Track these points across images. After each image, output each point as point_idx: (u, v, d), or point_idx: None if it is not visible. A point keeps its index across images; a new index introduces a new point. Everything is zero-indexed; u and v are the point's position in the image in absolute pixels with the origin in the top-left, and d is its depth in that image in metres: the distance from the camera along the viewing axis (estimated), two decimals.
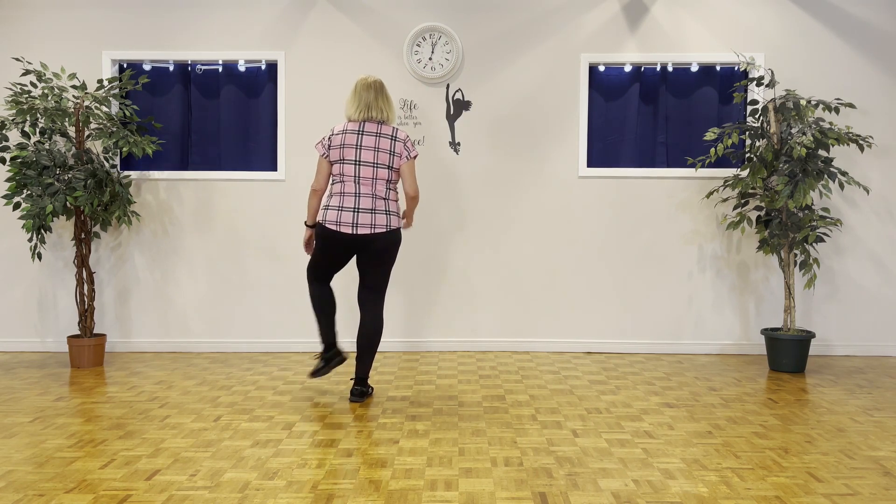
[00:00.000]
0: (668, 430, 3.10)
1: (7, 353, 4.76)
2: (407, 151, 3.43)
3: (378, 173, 3.38)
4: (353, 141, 3.37)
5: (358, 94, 3.43)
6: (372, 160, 3.37)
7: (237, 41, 4.76)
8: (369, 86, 3.43)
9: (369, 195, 3.38)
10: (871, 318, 4.76)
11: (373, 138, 3.37)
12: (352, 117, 3.43)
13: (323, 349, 3.61)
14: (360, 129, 3.39)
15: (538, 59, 4.76)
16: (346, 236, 3.37)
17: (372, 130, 3.39)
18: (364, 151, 3.36)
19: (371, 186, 3.38)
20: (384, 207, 3.40)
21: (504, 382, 3.95)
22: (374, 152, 3.37)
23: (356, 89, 3.44)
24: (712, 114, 4.80)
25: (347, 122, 3.44)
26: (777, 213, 4.34)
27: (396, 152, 3.40)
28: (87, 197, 4.16)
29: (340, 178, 3.40)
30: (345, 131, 3.40)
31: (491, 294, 4.83)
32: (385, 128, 3.41)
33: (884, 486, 2.48)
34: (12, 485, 2.45)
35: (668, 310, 4.80)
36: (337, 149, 3.39)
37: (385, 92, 3.46)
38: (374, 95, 3.41)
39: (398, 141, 3.41)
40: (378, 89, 3.44)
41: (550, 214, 4.80)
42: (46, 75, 4.45)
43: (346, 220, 3.36)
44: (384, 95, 3.45)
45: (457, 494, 2.38)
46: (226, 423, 3.18)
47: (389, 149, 3.38)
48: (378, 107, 3.41)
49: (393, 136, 3.41)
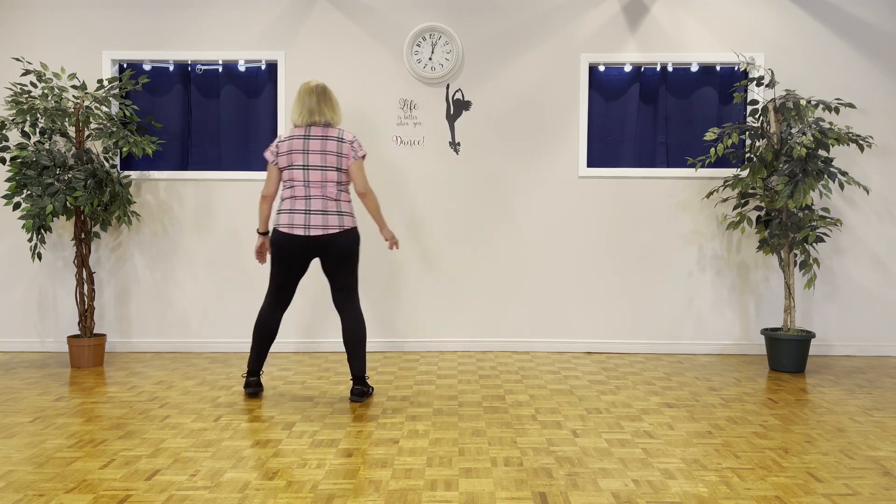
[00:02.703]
0: (668, 430, 3.10)
1: (7, 353, 4.76)
2: (354, 151, 3.47)
3: (327, 176, 3.43)
4: (300, 146, 3.42)
5: (301, 99, 3.49)
6: (320, 163, 3.42)
7: (237, 41, 4.76)
8: (311, 91, 3.48)
9: (320, 197, 3.42)
10: (871, 318, 4.76)
11: (319, 142, 3.42)
12: (297, 123, 3.49)
13: (246, 374, 3.66)
14: (306, 135, 3.44)
15: (538, 59, 4.76)
16: (299, 239, 3.41)
17: (318, 134, 3.44)
18: (312, 156, 3.42)
19: (321, 189, 3.43)
20: (336, 209, 3.44)
21: (504, 382, 3.95)
22: (321, 155, 3.42)
23: (299, 95, 3.50)
24: (712, 114, 4.80)
25: (294, 129, 3.50)
26: (777, 213, 4.34)
27: (343, 153, 3.44)
28: (87, 197, 4.16)
29: (291, 184, 3.46)
30: (291, 137, 3.46)
31: (491, 294, 4.83)
32: (331, 130, 3.46)
33: (884, 486, 2.48)
34: (12, 485, 2.45)
35: (668, 310, 4.80)
36: (285, 155, 3.45)
37: (328, 95, 3.50)
38: (317, 100, 3.46)
39: (344, 142, 3.45)
40: (320, 93, 3.48)
41: (550, 214, 4.80)
42: (46, 75, 4.45)
43: (297, 222, 3.41)
44: (327, 99, 3.49)
45: (457, 494, 2.38)
46: (226, 423, 3.18)
47: (336, 151, 3.43)
48: (321, 111, 3.46)
49: (339, 137, 3.45)
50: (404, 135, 4.78)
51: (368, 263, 4.81)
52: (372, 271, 4.81)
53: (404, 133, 4.78)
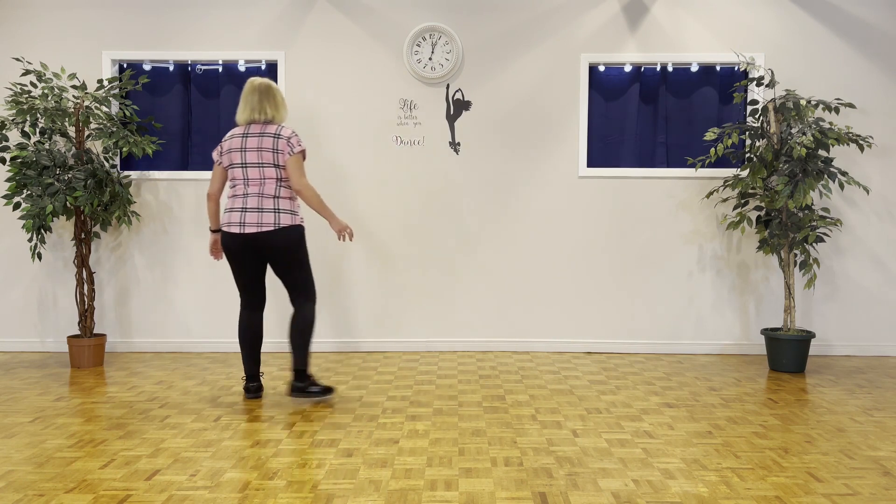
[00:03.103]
0: (668, 430, 3.10)
1: (7, 353, 4.76)
2: (290, 147, 3.41)
3: (265, 173, 3.41)
4: (239, 144, 3.41)
5: (244, 98, 3.48)
6: (257, 161, 3.40)
7: (237, 41, 4.76)
8: (255, 89, 3.47)
9: (256, 195, 3.40)
10: (871, 318, 4.76)
11: (256, 139, 3.40)
12: (238, 121, 3.49)
13: (245, 379, 3.63)
14: (244, 133, 3.43)
15: (538, 59, 4.76)
16: (237, 237, 3.40)
17: (255, 132, 3.42)
18: (249, 153, 3.40)
19: (259, 186, 3.41)
20: (272, 206, 3.40)
21: (504, 382, 3.95)
22: (257, 153, 3.39)
23: (243, 93, 3.49)
24: (712, 114, 4.80)
25: (237, 127, 3.50)
26: (777, 213, 4.34)
27: (279, 149, 3.40)
28: (87, 197, 4.16)
29: (233, 182, 3.47)
30: (232, 136, 3.45)
31: (491, 294, 4.83)
32: (269, 127, 3.43)
33: (884, 486, 2.48)
34: (12, 485, 2.45)
35: (668, 310, 4.80)
36: (227, 154, 3.45)
37: (272, 93, 3.48)
38: (259, 98, 3.45)
39: (281, 138, 3.41)
40: (263, 91, 3.46)
41: (550, 214, 4.80)
42: (46, 75, 4.45)
43: (234, 220, 3.41)
44: (270, 96, 3.47)
45: (457, 494, 2.38)
46: (226, 423, 3.18)
47: (272, 147, 3.39)
48: (262, 108, 3.44)
49: (276, 134, 3.42)
50: (404, 135, 4.78)
51: (367, 264, 4.81)
52: (371, 272, 4.81)
53: (404, 133, 4.78)
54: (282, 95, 3.54)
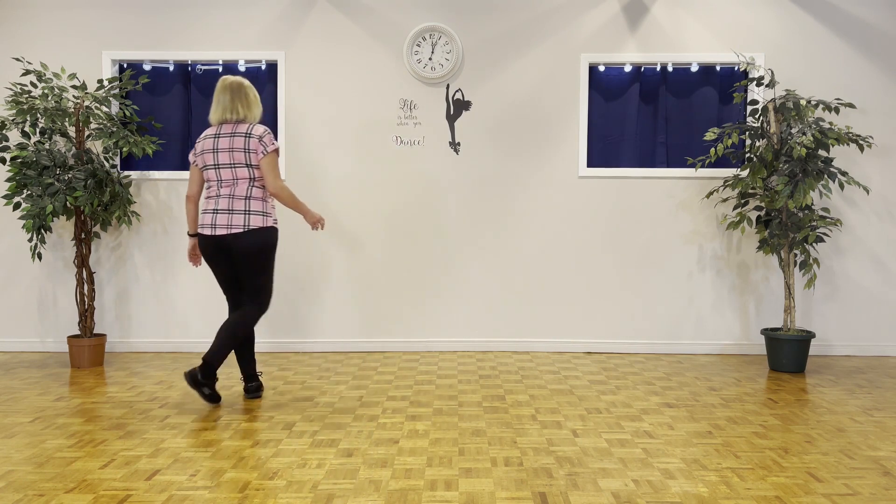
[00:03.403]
0: (668, 430, 3.10)
1: (7, 353, 4.76)
2: (263, 146, 3.35)
3: (237, 173, 3.36)
4: (211, 145, 3.37)
5: (216, 97, 3.43)
6: (229, 161, 3.35)
7: (237, 41, 4.76)
8: (226, 88, 3.42)
9: (227, 196, 3.36)
10: (871, 318, 4.76)
11: (228, 139, 3.35)
12: (210, 121, 3.45)
13: (243, 381, 3.64)
14: (216, 133, 3.39)
15: (538, 59, 4.76)
16: (209, 239, 3.37)
17: (227, 132, 3.37)
18: (221, 154, 3.36)
19: (231, 187, 3.37)
20: (243, 207, 3.36)
21: (504, 382, 3.95)
22: (229, 153, 3.34)
23: (215, 92, 3.44)
24: (712, 114, 4.80)
25: (209, 128, 3.46)
26: (777, 213, 4.34)
27: (252, 149, 3.34)
28: (87, 197, 4.16)
29: (208, 184, 3.44)
30: (205, 137, 3.41)
31: (491, 294, 4.83)
32: (241, 126, 3.38)
33: (884, 486, 2.48)
34: (12, 485, 2.45)
35: (668, 310, 4.80)
36: (200, 155, 3.41)
37: (243, 91, 3.42)
38: (230, 97, 3.40)
39: (252, 137, 3.35)
40: (235, 90, 3.41)
41: (550, 214, 4.80)
42: (46, 75, 4.45)
43: (206, 222, 3.38)
44: (242, 96, 3.41)
45: (457, 494, 2.38)
46: (226, 423, 3.18)
47: (244, 146, 3.34)
48: (233, 108, 3.39)
49: (248, 133, 3.35)
50: (404, 135, 4.78)
51: (368, 264, 4.81)
52: (371, 271, 4.81)
53: (404, 133, 4.78)
54: (255, 94, 3.48)
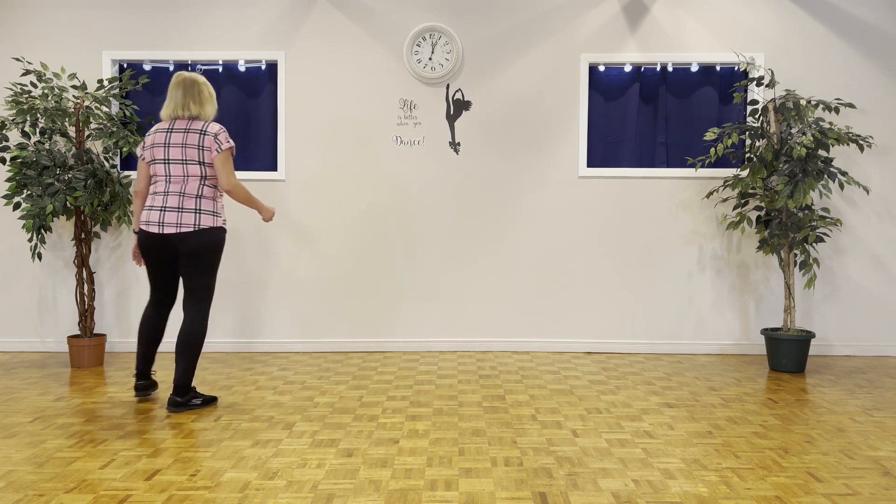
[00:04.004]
0: (668, 430, 3.10)
1: (7, 353, 4.76)
2: (217, 144, 3.30)
3: (189, 170, 3.30)
4: (162, 140, 3.32)
5: (169, 92, 3.39)
6: (180, 157, 3.29)
7: (237, 41, 4.76)
8: (179, 84, 3.37)
9: (177, 193, 3.31)
10: (871, 318, 4.76)
11: (180, 135, 3.30)
12: (161, 116, 3.40)
13: (135, 376, 3.54)
14: (168, 128, 3.34)
15: (538, 59, 4.76)
16: (155, 236, 3.31)
17: (180, 127, 3.32)
18: (172, 149, 3.30)
19: (181, 185, 3.31)
20: (194, 206, 3.30)
21: (504, 382, 3.95)
22: (181, 149, 3.29)
23: (169, 88, 3.40)
24: (712, 114, 4.80)
25: (161, 122, 3.40)
26: (777, 213, 4.34)
27: (206, 146, 3.29)
28: (87, 197, 4.16)
29: (155, 179, 3.37)
30: (156, 131, 3.36)
31: (491, 294, 4.83)
32: (195, 123, 3.33)
33: (884, 486, 2.48)
34: (12, 485, 2.45)
35: (668, 310, 4.80)
36: (149, 149, 3.35)
37: (197, 88, 3.37)
38: (183, 93, 3.35)
39: (207, 135, 3.30)
40: (188, 87, 3.36)
41: (550, 214, 4.80)
42: (46, 75, 4.45)
43: (153, 219, 3.30)
44: (195, 92, 3.36)
45: (457, 494, 2.38)
46: (226, 423, 3.18)
47: (198, 144, 3.29)
48: (186, 104, 3.34)
49: (202, 130, 3.31)
50: (404, 135, 4.78)
51: (368, 263, 4.81)
52: (372, 271, 4.81)
53: (404, 133, 4.78)
54: (210, 91, 3.42)
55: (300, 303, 4.81)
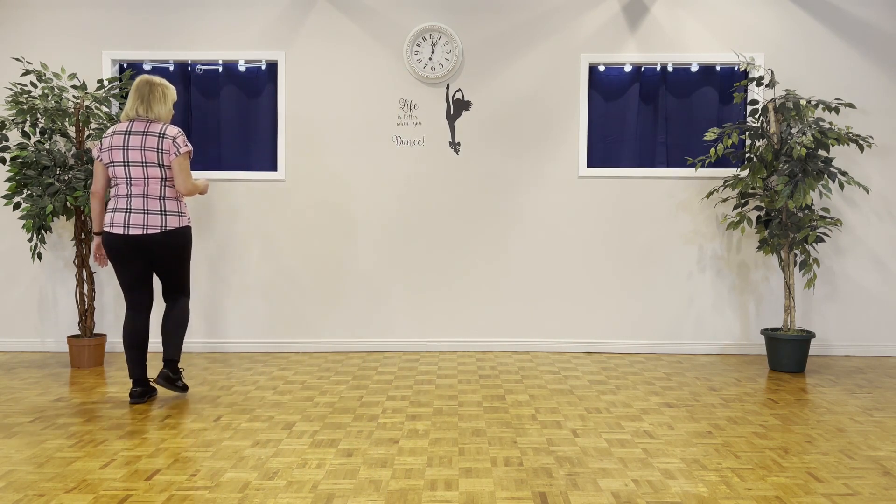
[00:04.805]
0: (668, 430, 3.10)
1: (7, 353, 4.76)
2: (176, 147, 3.32)
3: (149, 172, 3.32)
4: (121, 142, 3.32)
5: (130, 94, 3.40)
6: (140, 160, 3.31)
7: (237, 41, 4.76)
8: (137, 86, 3.39)
9: (141, 195, 3.32)
10: (871, 318, 4.76)
11: (139, 137, 3.31)
12: (121, 118, 3.42)
13: (132, 384, 3.53)
14: (127, 130, 3.34)
15: (538, 59, 4.76)
16: (121, 238, 3.32)
17: (139, 129, 3.33)
18: (131, 152, 3.31)
19: (143, 186, 3.33)
20: (159, 207, 3.33)
21: (504, 382, 3.95)
22: (140, 151, 3.30)
23: (131, 89, 3.41)
24: (712, 114, 4.80)
25: (119, 123, 3.41)
26: (777, 213, 4.34)
27: (164, 149, 3.32)
28: (87, 197, 4.16)
29: (115, 181, 3.38)
30: (114, 132, 3.36)
31: (491, 294, 4.83)
32: (153, 126, 3.35)
33: (884, 486, 2.48)
34: (12, 485, 2.45)
35: (668, 310, 4.80)
36: (107, 151, 3.35)
37: (158, 91, 3.39)
38: (139, 96, 3.37)
39: (166, 138, 3.32)
40: (149, 90, 3.38)
41: (550, 214, 4.80)
42: (46, 75, 4.45)
43: (118, 221, 3.32)
44: (154, 95, 3.38)
45: (457, 494, 2.38)
46: (226, 423, 3.18)
47: (157, 146, 3.31)
48: (145, 106, 3.36)
49: (161, 133, 3.33)
50: (404, 135, 4.78)
51: (368, 264, 4.81)
52: (372, 271, 4.81)
53: (404, 133, 4.78)
54: (164, 92, 3.42)
55: (300, 302, 4.81)
